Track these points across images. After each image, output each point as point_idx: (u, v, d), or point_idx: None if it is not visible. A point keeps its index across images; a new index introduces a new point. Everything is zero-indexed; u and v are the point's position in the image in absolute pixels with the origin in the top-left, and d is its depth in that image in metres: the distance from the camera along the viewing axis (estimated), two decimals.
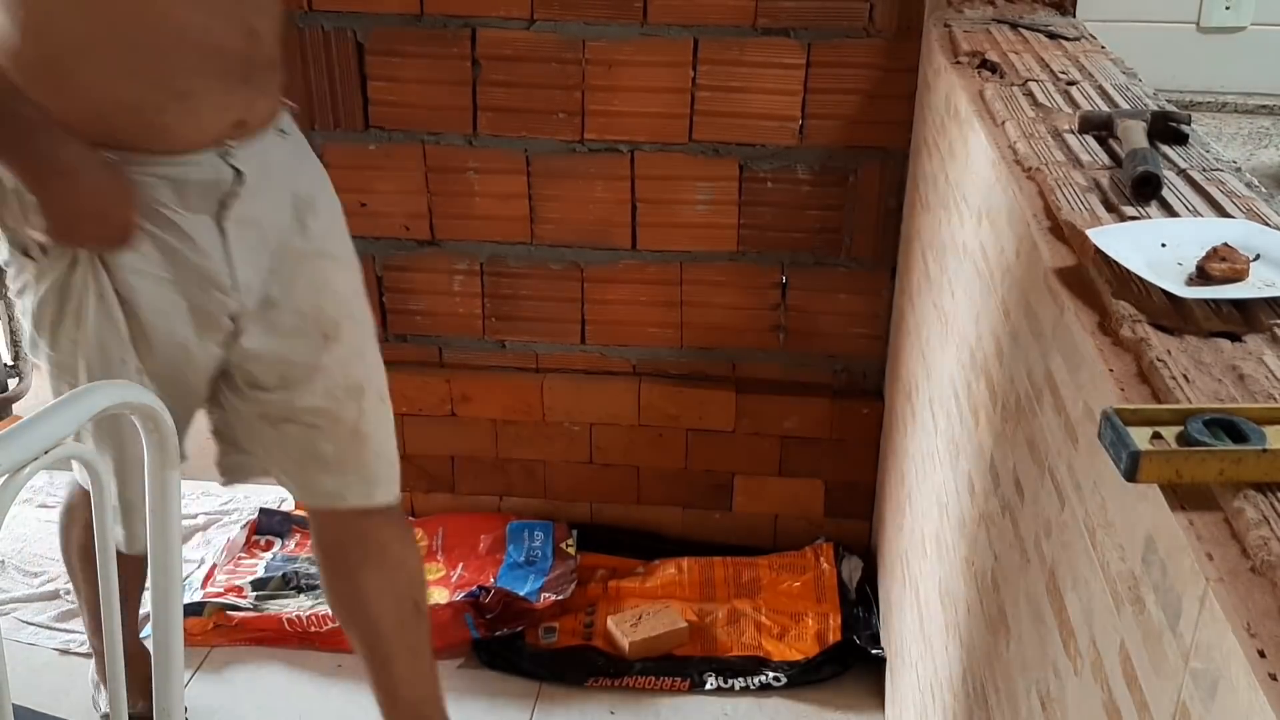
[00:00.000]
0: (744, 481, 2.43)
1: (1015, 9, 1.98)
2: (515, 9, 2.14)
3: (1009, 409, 1.15)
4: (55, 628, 2.26)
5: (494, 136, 2.24)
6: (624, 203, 2.25)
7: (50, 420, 1.05)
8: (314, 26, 2.20)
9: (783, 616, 2.22)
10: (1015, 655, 1.06)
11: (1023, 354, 1.10)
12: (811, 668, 2.12)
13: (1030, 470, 1.04)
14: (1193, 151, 1.25)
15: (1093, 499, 0.84)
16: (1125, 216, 1.06)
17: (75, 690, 2.10)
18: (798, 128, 2.16)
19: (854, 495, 2.40)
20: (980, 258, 1.35)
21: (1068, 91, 1.48)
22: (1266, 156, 1.94)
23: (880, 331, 2.29)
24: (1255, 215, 1.05)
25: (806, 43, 2.10)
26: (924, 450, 1.71)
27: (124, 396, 1.13)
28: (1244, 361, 0.80)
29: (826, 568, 2.32)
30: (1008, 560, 1.12)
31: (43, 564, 2.44)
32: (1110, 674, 0.77)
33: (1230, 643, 0.58)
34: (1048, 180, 1.16)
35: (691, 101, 2.17)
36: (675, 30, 2.12)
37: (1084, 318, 0.91)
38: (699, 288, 2.30)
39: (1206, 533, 0.65)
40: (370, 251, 2.36)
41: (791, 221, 2.23)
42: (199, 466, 2.83)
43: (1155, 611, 0.69)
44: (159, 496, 1.23)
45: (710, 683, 2.10)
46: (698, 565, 2.35)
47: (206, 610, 2.20)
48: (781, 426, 2.37)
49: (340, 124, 2.26)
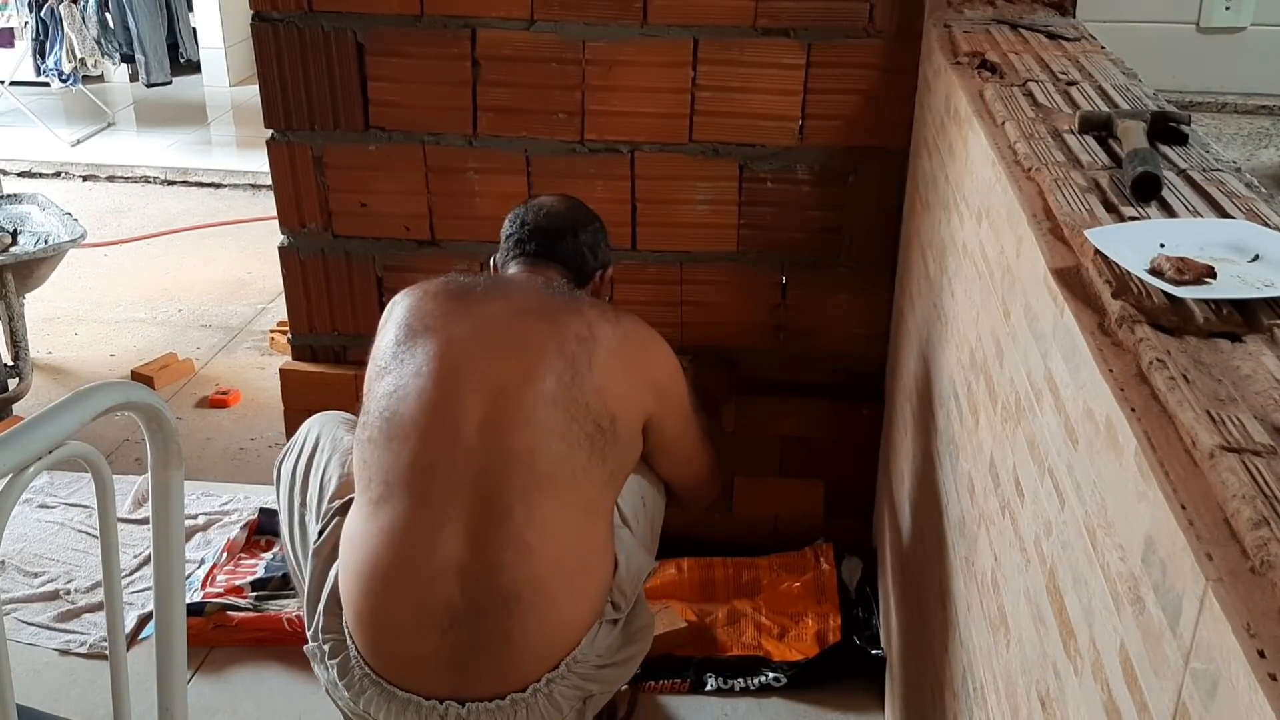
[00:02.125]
0: (744, 482, 2.43)
1: (1015, 9, 1.98)
2: (515, 9, 2.14)
3: (1009, 409, 1.15)
4: (55, 628, 2.25)
5: (494, 137, 2.24)
6: (624, 203, 2.25)
7: (52, 421, 1.06)
8: (314, 26, 2.20)
9: (783, 617, 2.22)
10: (1015, 655, 1.07)
11: (1023, 354, 1.10)
12: (811, 668, 2.11)
13: (1030, 470, 1.04)
14: (1193, 152, 1.25)
15: (1093, 499, 0.84)
16: (1125, 217, 1.06)
17: (75, 690, 2.10)
18: (798, 128, 2.16)
19: (854, 495, 2.40)
20: (980, 258, 1.35)
21: (1068, 92, 1.48)
22: (1266, 156, 1.94)
23: (880, 332, 2.29)
24: (1255, 215, 1.05)
25: (806, 43, 2.10)
26: (924, 450, 1.72)
27: (126, 396, 1.13)
28: (1244, 362, 0.81)
29: (826, 568, 2.32)
30: (1008, 560, 1.12)
31: (43, 564, 2.44)
32: (1110, 674, 0.78)
33: (1230, 643, 0.58)
34: (1047, 180, 1.16)
35: (691, 102, 2.17)
36: (675, 30, 2.12)
37: (1084, 318, 0.91)
38: (699, 288, 2.30)
39: (1206, 533, 0.65)
40: (370, 252, 2.36)
41: (791, 222, 2.23)
42: (199, 467, 2.84)
43: (1155, 611, 0.69)
44: (161, 496, 1.23)
45: (710, 683, 2.10)
46: (698, 565, 2.35)
47: (207, 610, 2.20)
48: (781, 427, 2.37)
49: (340, 124, 2.27)
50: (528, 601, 1.48)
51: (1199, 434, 0.72)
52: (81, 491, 2.68)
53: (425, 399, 1.53)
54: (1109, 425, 0.80)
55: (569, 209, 1.82)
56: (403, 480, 1.52)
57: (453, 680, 1.49)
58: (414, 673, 1.50)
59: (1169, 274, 0.90)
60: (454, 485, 1.50)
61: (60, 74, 5.64)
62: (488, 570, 1.47)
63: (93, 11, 5.56)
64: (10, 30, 5.93)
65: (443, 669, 1.49)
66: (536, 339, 1.57)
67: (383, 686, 1.51)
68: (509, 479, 1.49)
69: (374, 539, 1.52)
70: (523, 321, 1.59)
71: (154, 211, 4.82)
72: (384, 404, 1.56)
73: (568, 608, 1.51)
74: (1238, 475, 0.67)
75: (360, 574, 1.53)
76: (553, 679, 1.50)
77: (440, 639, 1.48)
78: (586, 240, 1.79)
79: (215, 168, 5.21)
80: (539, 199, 1.85)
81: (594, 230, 1.81)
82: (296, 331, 2.47)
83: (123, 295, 3.94)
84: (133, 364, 3.37)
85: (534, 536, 1.48)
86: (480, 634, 1.47)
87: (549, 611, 1.49)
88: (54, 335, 3.61)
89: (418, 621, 1.49)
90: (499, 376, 1.53)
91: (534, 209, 1.80)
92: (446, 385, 1.53)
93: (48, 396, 3.13)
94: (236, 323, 3.72)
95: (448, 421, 1.52)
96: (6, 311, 3.06)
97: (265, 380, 3.27)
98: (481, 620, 1.47)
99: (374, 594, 1.51)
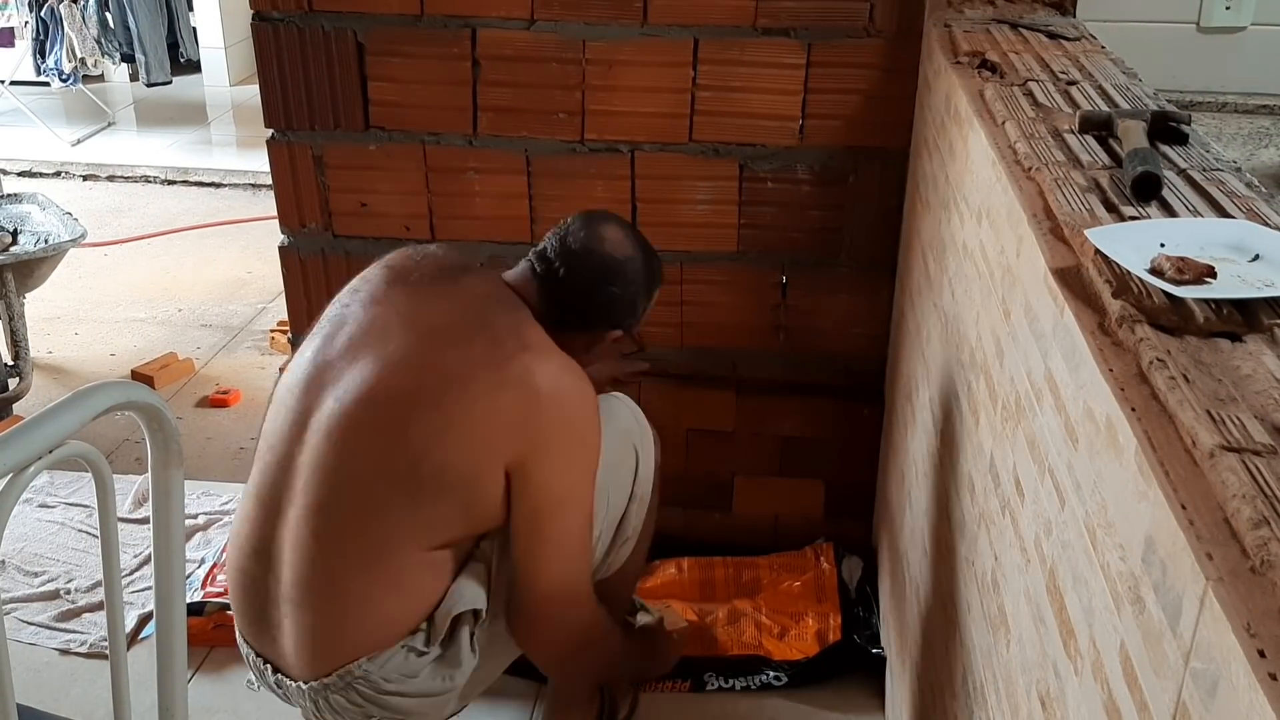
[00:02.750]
0: (744, 482, 2.43)
1: (1015, 9, 1.98)
2: (515, 9, 2.14)
3: (1009, 409, 1.15)
4: (55, 627, 2.26)
5: (494, 137, 2.24)
6: (624, 203, 2.25)
7: (53, 420, 1.06)
8: (314, 26, 2.20)
9: (783, 616, 2.22)
10: (1015, 655, 1.07)
11: (1023, 354, 1.10)
12: (812, 667, 2.12)
13: (1030, 470, 1.05)
14: (1193, 151, 1.25)
15: (1093, 499, 0.84)
16: (1125, 216, 1.06)
17: (75, 690, 2.10)
18: (798, 128, 2.16)
19: (854, 495, 2.40)
20: (980, 258, 1.35)
21: (1068, 91, 1.48)
22: (1266, 156, 1.94)
23: (880, 332, 2.29)
24: (1255, 215, 1.05)
25: (806, 43, 2.10)
26: (924, 450, 1.72)
27: (127, 395, 1.13)
28: (1244, 361, 0.81)
29: (826, 568, 2.32)
30: (1008, 560, 1.12)
31: (43, 564, 2.44)
32: (1110, 674, 0.78)
33: (1230, 643, 0.58)
34: (1047, 180, 1.16)
35: (691, 101, 2.17)
36: (675, 30, 2.12)
37: (1084, 317, 0.91)
38: (699, 288, 2.30)
39: (1206, 533, 0.65)
40: (370, 252, 2.35)
41: (791, 221, 2.23)
42: (199, 466, 2.84)
43: (1155, 611, 0.69)
44: (162, 495, 1.23)
45: (711, 682, 2.10)
46: (698, 565, 2.35)
47: (207, 610, 2.20)
48: (781, 427, 2.37)
49: (340, 124, 2.27)
50: (305, 604, 1.52)
51: (1199, 434, 0.72)
52: (82, 491, 2.68)
53: (293, 380, 1.57)
54: (1109, 425, 0.80)
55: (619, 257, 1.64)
56: (259, 452, 1.59)
57: (272, 650, 1.58)
58: (252, 633, 1.60)
59: (1169, 274, 0.90)
60: (279, 473, 1.55)
61: (60, 74, 5.64)
62: (285, 561, 1.53)
63: (93, 11, 5.56)
64: (10, 30, 5.94)
65: (265, 637, 1.58)
66: (403, 358, 1.50)
67: (241, 637, 1.63)
68: (313, 485, 1.51)
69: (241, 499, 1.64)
70: (408, 334, 1.53)
71: (154, 211, 4.82)
72: (286, 373, 1.61)
73: (344, 624, 1.52)
74: (1238, 475, 0.67)
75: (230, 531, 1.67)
76: (328, 684, 1.52)
77: (261, 609, 1.57)
78: (606, 295, 1.62)
79: (215, 167, 5.21)
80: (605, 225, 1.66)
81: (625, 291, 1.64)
82: (297, 331, 2.47)
83: (123, 295, 3.94)
84: (133, 364, 3.37)
85: (319, 548, 1.51)
86: (279, 615, 1.55)
87: (323, 621, 1.52)
88: (54, 335, 3.61)
89: (245, 588, 1.59)
90: (346, 387, 1.51)
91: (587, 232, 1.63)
92: (309, 375, 1.56)
93: (48, 396, 3.13)
94: (236, 322, 3.72)
95: (293, 410, 1.55)
96: (7, 311, 3.06)
97: (265, 380, 3.27)
98: (280, 604, 1.55)
99: (229, 553, 1.64)
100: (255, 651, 1.61)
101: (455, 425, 1.46)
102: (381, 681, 1.52)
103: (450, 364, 1.48)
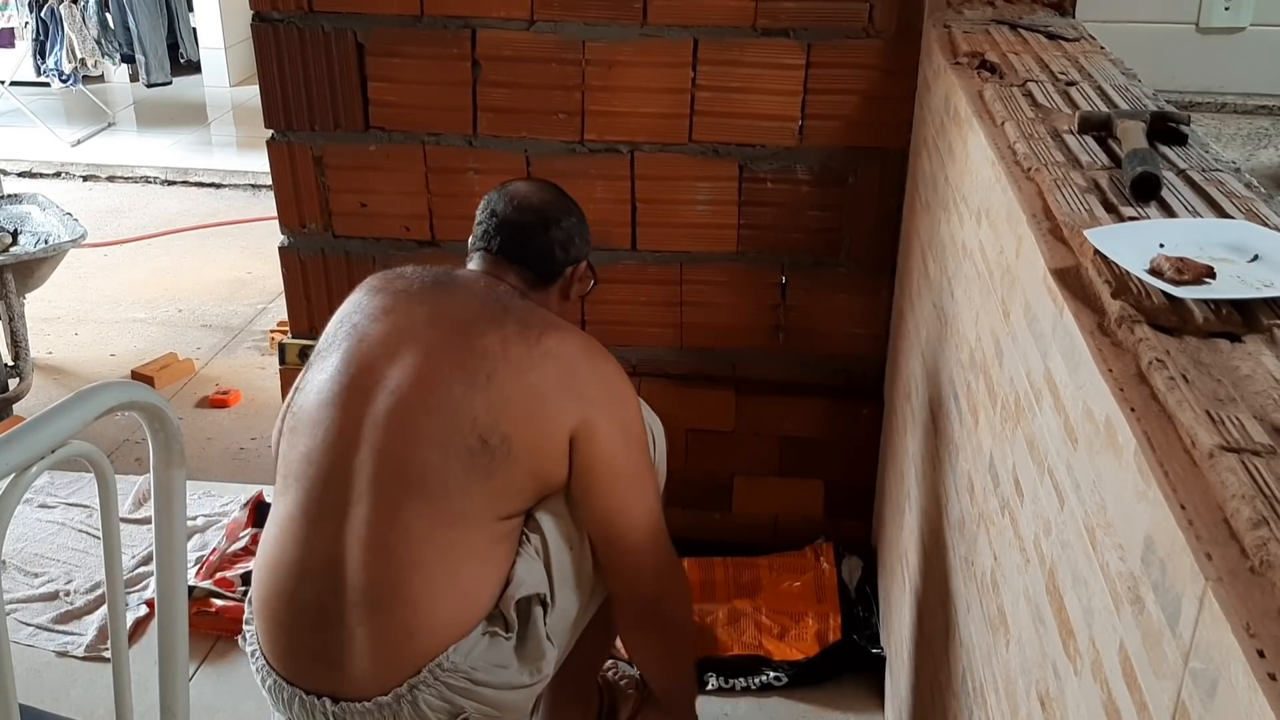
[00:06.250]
0: (744, 482, 2.43)
1: (1015, 9, 1.98)
2: (515, 9, 2.14)
3: (1008, 409, 1.15)
4: (54, 629, 2.26)
5: (494, 137, 2.24)
6: (624, 203, 2.25)
7: (55, 420, 1.06)
8: (314, 27, 2.20)
9: (783, 616, 2.22)
10: (1015, 655, 1.07)
11: (1022, 354, 1.10)
12: (812, 667, 2.12)
13: (1030, 470, 1.05)
14: (1192, 152, 1.25)
15: (1092, 499, 0.84)
16: (1124, 217, 1.06)
17: (76, 690, 2.10)
18: (797, 128, 2.16)
19: (854, 495, 2.41)
20: (979, 258, 1.35)
21: (1067, 92, 1.48)
22: (1266, 156, 1.95)
23: (880, 332, 2.29)
24: (1255, 215, 1.05)
25: (806, 43, 2.10)
26: (924, 450, 1.72)
27: (129, 396, 1.13)
28: (1243, 362, 0.81)
29: (826, 568, 2.32)
30: (1007, 560, 1.12)
31: (43, 564, 2.44)
32: (1110, 674, 0.78)
33: (1230, 643, 0.58)
34: (1047, 180, 1.16)
35: (691, 102, 2.17)
36: (675, 31, 2.12)
37: (1083, 318, 0.91)
38: (699, 288, 2.30)
39: (1206, 533, 0.65)
40: (370, 252, 2.36)
41: (791, 222, 2.23)
42: (199, 467, 2.85)
43: (1155, 611, 0.69)
44: (164, 495, 1.23)
45: (710, 683, 2.10)
46: (698, 565, 2.35)
47: (194, 595, 2.19)
48: (781, 427, 2.37)
49: (340, 124, 2.27)
50: (385, 603, 1.49)
51: (1198, 434, 0.72)
52: (82, 491, 2.68)
53: (323, 396, 1.56)
54: (1109, 425, 0.80)
55: (543, 201, 1.72)
56: (294, 473, 1.55)
57: (328, 676, 1.51)
58: (295, 666, 1.53)
59: (1168, 274, 0.91)
60: (334, 483, 1.52)
61: (60, 74, 5.65)
62: (353, 569, 1.50)
63: (93, 11, 5.56)
64: (10, 30, 5.94)
65: (318, 665, 1.52)
66: (443, 348, 1.55)
67: (275, 677, 1.55)
68: (379, 482, 1.51)
69: (268, 531, 1.58)
70: (437, 329, 1.57)
71: (154, 211, 4.83)
72: (297, 398, 1.60)
73: (430, 611, 1.50)
74: (1237, 475, 0.67)
75: (258, 565, 1.59)
76: (415, 684, 1.49)
77: (314, 635, 1.51)
78: (557, 236, 1.70)
79: (215, 168, 5.21)
80: (515, 185, 1.75)
81: (568, 225, 1.71)
82: (297, 331, 2.47)
83: (123, 295, 3.95)
84: (133, 364, 3.37)
85: (396, 539, 1.49)
86: (346, 632, 1.50)
87: (408, 615, 1.49)
88: (54, 335, 3.61)
89: (294, 616, 1.52)
90: (395, 381, 1.54)
91: (507, 197, 1.71)
92: (345, 384, 1.55)
93: (48, 396, 3.14)
94: (236, 323, 3.72)
95: (337, 419, 1.54)
96: (7, 311, 3.07)
97: (265, 380, 3.28)
98: (346, 619, 1.50)
99: (264, 585, 1.56)
100: (305, 689, 1.52)
101: (513, 399, 1.53)
102: (472, 670, 1.52)
103: (491, 346, 1.54)
